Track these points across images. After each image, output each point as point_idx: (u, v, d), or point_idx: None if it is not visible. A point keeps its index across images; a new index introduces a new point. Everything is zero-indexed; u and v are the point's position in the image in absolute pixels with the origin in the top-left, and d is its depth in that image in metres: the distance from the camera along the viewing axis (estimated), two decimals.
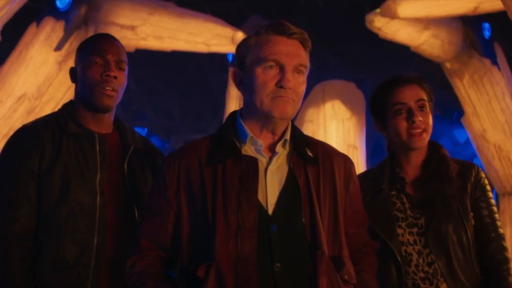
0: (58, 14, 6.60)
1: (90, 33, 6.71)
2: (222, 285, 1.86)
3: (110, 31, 6.74)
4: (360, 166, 7.69)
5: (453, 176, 2.41)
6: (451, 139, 10.38)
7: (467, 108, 7.12)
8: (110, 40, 2.53)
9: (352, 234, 2.09)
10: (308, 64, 2.04)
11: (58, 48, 6.49)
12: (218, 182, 1.94)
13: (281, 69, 1.96)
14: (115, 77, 2.42)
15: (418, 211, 2.41)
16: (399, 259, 2.34)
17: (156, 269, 1.99)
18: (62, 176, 2.36)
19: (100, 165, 2.40)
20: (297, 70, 1.99)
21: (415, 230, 2.39)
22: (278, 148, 2.01)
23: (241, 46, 2.07)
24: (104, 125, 2.50)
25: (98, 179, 2.38)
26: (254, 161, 1.97)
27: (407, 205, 2.42)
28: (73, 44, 6.43)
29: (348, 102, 7.60)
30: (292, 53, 1.98)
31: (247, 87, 2.02)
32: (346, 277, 1.99)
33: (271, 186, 1.97)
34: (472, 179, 2.46)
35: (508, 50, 7.36)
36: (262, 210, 1.94)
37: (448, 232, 2.36)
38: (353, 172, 2.16)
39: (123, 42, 2.63)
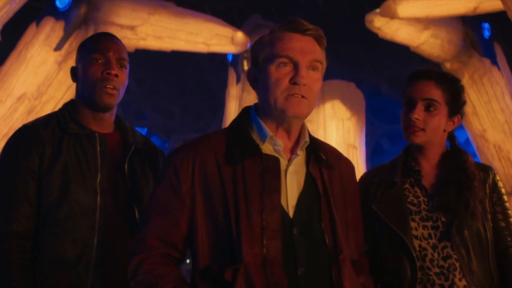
0: (58, 14, 6.61)
1: (90, 33, 6.71)
2: None
3: (110, 31, 6.72)
4: (359, 166, 7.69)
5: (474, 185, 2.37)
6: None
7: (467, 108, 7.05)
8: (111, 38, 2.50)
9: (352, 237, 2.06)
10: (323, 60, 1.99)
11: (58, 48, 6.49)
12: (239, 181, 1.87)
13: (295, 66, 1.91)
14: (116, 75, 2.39)
15: (433, 205, 2.37)
16: (413, 253, 2.30)
17: (167, 269, 1.88)
18: (62, 176, 2.34)
19: (100, 165, 2.39)
20: (312, 66, 1.94)
21: (429, 223, 2.34)
22: (299, 150, 1.96)
23: (255, 45, 2.01)
24: (105, 124, 2.48)
25: (98, 179, 2.37)
26: (276, 161, 1.90)
27: (421, 198, 2.38)
28: (73, 44, 6.44)
29: (348, 102, 7.61)
30: (305, 49, 1.93)
31: (261, 85, 1.97)
32: (361, 280, 1.98)
33: (290, 188, 1.91)
34: (490, 181, 2.44)
35: (507, 50, 7.37)
36: (283, 212, 1.88)
37: (469, 229, 2.33)
38: (355, 175, 2.14)
39: (123, 42, 2.62)
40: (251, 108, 2.04)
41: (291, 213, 1.89)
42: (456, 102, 2.44)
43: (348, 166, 2.11)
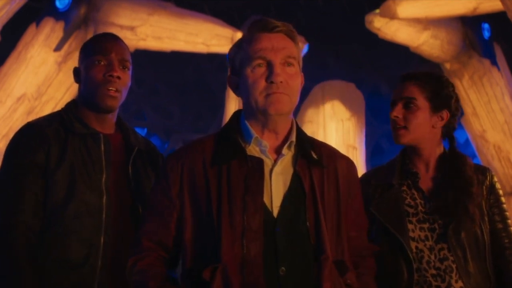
0: (57, 15, 6.61)
1: (90, 33, 6.70)
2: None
3: (110, 32, 6.74)
4: (359, 166, 7.69)
5: (472, 191, 2.39)
6: None
7: (467, 109, 7.11)
8: (113, 39, 2.50)
9: (353, 238, 2.07)
10: (297, 55, 2.00)
11: (57, 48, 6.49)
12: (223, 183, 1.91)
13: (269, 65, 1.93)
14: (119, 77, 2.40)
15: (430, 207, 2.39)
16: (410, 255, 2.32)
17: (158, 270, 1.96)
18: (68, 176, 2.34)
19: (105, 165, 2.39)
20: (286, 63, 1.96)
21: (426, 225, 2.37)
22: (285, 150, 1.97)
23: (230, 52, 2.06)
24: (107, 125, 2.48)
25: (103, 179, 2.37)
26: (259, 162, 1.93)
27: (418, 200, 2.41)
28: (72, 44, 6.44)
29: (347, 103, 7.60)
30: (277, 46, 1.94)
31: (242, 90, 2.00)
32: (349, 281, 1.97)
33: (276, 188, 1.94)
34: (487, 183, 2.47)
35: (507, 51, 7.36)
36: (267, 212, 1.91)
37: (466, 231, 2.35)
38: (355, 174, 2.14)
39: None
40: (241, 111, 2.06)
41: (275, 213, 1.91)
42: (438, 96, 2.45)
43: (348, 165, 2.10)
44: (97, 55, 2.41)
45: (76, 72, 2.50)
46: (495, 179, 2.50)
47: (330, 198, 1.99)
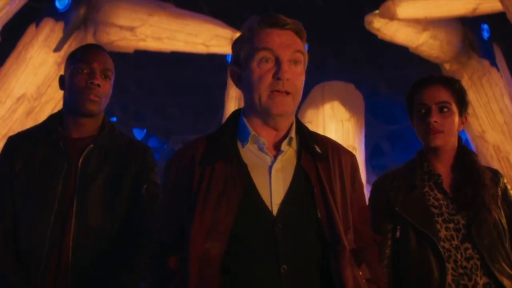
0: (57, 15, 6.62)
1: (89, 34, 6.71)
2: (186, 281, 1.86)
3: (110, 32, 6.74)
4: (359, 166, 7.68)
5: (486, 183, 2.46)
6: None
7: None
8: (97, 49, 2.67)
9: (359, 230, 2.08)
10: (304, 53, 1.99)
11: (57, 49, 6.50)
12: (204, 183, 1.92)
13: (277, 61, 1.93)
14: (99, 85, 2.54)
15: (453, 207, 2.44)
16: (443, 254, 2.36)
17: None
18: (27, 186, 2.48)
19: (63, 176, 2.49)
20: (294, 60, 1.95)
21: (451, 225, 2.41)
22: (284, 146, 1.98)
23: (235, 43, 2.05)
24: (84, 129, 2.58)
25: (60, 187, 2.48)
26: (243, 166, 1.94)
27: (441, 201, 2.45)
28: (72, 45, 6.44)
29: (347, 103, 7.61)
30: (286, 43, 1.94)
31: (245, 83, 1.99)
32: (361, 273, 1.98)
33: (276, 186, 1.92)
34: (502, 184, 2.53)
35: (507, 51, 7.37)
36: (266, 211, 1.90)
37: (487, 223, 2.40)
38: (358, 169, 2.15)
39: (123, 43, 2.68)
40: (241, 110, 2.07)
41: (275, 210, 1.90)
42: (463, 101, 2.53)
43: (351, 159, 2.12)
44: (81, 63, 2.58)
45: (61, 80, 2.66)
46: (505, 179, 2.57)
47: (337, 190, 1.99)
